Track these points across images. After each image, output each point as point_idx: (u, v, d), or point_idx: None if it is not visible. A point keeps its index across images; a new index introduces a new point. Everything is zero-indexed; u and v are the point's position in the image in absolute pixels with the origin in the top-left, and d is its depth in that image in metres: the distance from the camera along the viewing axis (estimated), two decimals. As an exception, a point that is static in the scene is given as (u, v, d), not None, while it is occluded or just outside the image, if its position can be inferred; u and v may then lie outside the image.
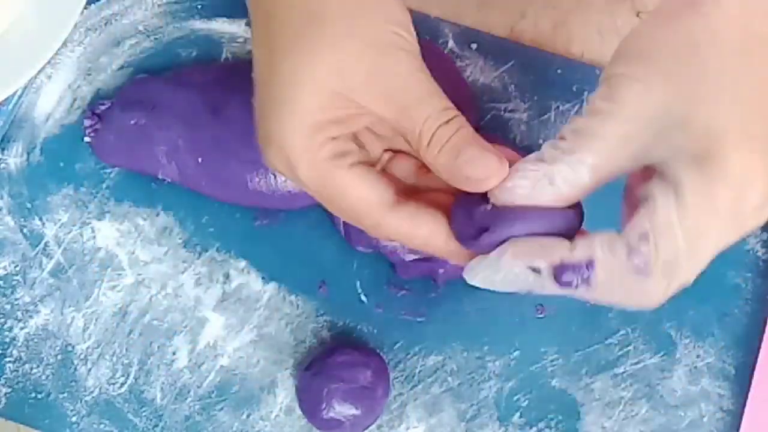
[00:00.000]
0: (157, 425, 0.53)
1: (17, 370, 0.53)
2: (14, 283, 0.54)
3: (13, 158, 0.55)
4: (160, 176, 0.54)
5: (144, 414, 0.53)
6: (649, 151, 0.36)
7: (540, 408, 0.53)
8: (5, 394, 0.53)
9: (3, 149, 0.56)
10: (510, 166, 0.38)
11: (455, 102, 0.50)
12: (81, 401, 0.53)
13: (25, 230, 0.55)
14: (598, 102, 0.37)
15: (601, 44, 0.57)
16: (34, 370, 0.53)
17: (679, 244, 0.36)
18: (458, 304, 0.54)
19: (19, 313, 0.54)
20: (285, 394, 0.53)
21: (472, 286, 0.53)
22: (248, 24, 0.57)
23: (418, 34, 0.44)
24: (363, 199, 0.40)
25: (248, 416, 0.53)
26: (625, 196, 0.40)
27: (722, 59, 0.36)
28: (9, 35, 0.54)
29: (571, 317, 0.54)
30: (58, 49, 0.55)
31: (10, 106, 0.55)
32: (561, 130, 0.38)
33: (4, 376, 0.53)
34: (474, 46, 0.56)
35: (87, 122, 0.55)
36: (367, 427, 0.51)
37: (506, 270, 0.38)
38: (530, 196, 0.37)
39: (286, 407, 0.53)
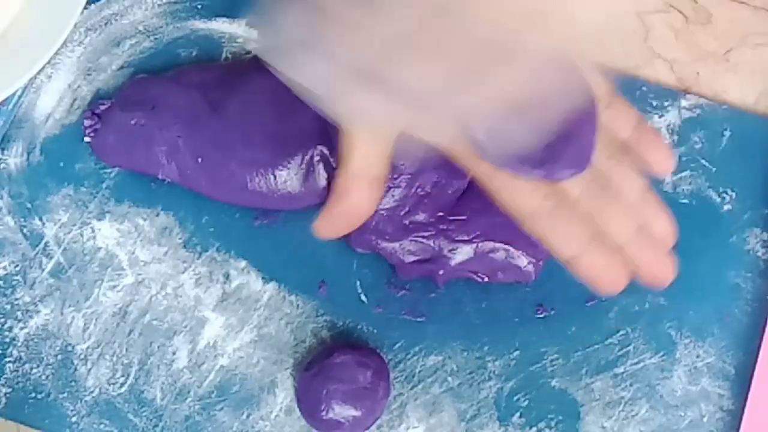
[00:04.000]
0: (157, 425, 0.53)
1: (17, 370, 0.53)
2: (14, 283, 0.54)
3: (13, 158, 0.55)
4: (160, 176, 0.54)
5: (144, 414, 0.53)
6: None
7: (540, 408, 0.53)
8: (5, 394, 0.53)
9: (3, 149, 0.56)
10: None
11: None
12: (81, 401, 0.53)
13: (25, 230, 0.55)
14: None
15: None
16: (34, 370, 0.53)
17: None
18: (458, 304, 0.54)
19: (19, 313, 0.54)
20: (285, 394, 0.53)
21: (473, 286, 0.53)
22: (248, 24, 0.57)
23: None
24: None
25: (248, 416, 0.53)
26: None
27: None
28: (9, 35, 0.54)
29: (571, 317, 0.54)
30: (58, 49, 0.55)
31: (10, 106, 0.55)
32: None
33: (4, 376, 0.53)
34: (474, 46, 0.56)
35: (87, 122, 0.55)
36: (368, 428, 0.51)
37: None
38: None
39: (286, 407, 0.53)
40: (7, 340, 0.54)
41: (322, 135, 0.53)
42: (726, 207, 0.55)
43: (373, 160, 0.46)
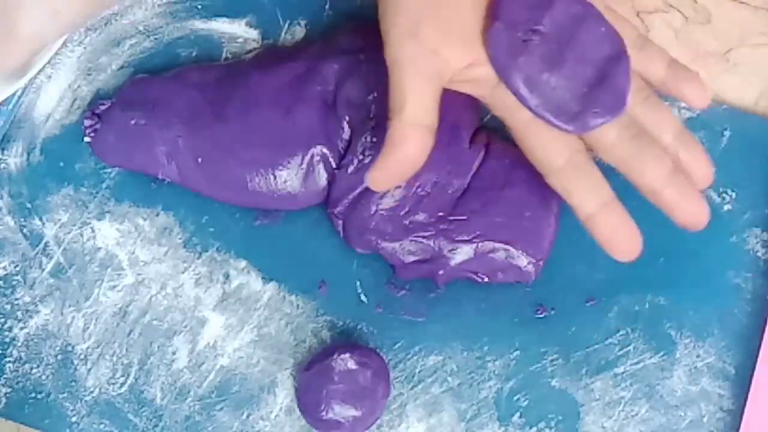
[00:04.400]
0: (157, 425, 0.53)
1: (17, 370, 0.53)
2: (14, 283, 0.54)
3: (13, 158, 0.55)
4: (160, 176, 0.54)
5: (144, 414, 0.53)
6: None
7: (540, 408, 0.53)
8: (5, 394, 0.53)
9: (3, 149, 0.56)
10: None
11: (457, 100, 0.51)
12: (81, 401, 0.53)
13: (25, 230, 0.55)
14: None
15: (601, 44, 0.57)
16: (34, 370, 0.53)
17: None
18: (458, 304, 0.54)
19: (19, 313, 0.54)
20: (285, 394, 0.53)
21: (473, 286, 0.53)
22: (248, 24, 0.57)
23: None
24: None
25: (248, 416, 0.53)
26: None
27: None
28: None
29: (571, 317, 0.54)
30: (58, 49, 0.55)
31: (10, 106, 0.55)
32: None
33: (4, 376, 0.53)
34: (474, 46, 0.56)
35: (87, 122, 0.55)
36: (368, 428, 0.51)
37: None
38: None
39: (286, 407, 0.53)
40: (7, 340, 0.54)
41: (322, 135, 0.53)
42: (726, 207, 0.55)
43: (426, 108, 0.47)
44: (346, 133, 0.53)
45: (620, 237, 0.48)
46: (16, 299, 0.54)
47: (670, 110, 0.50)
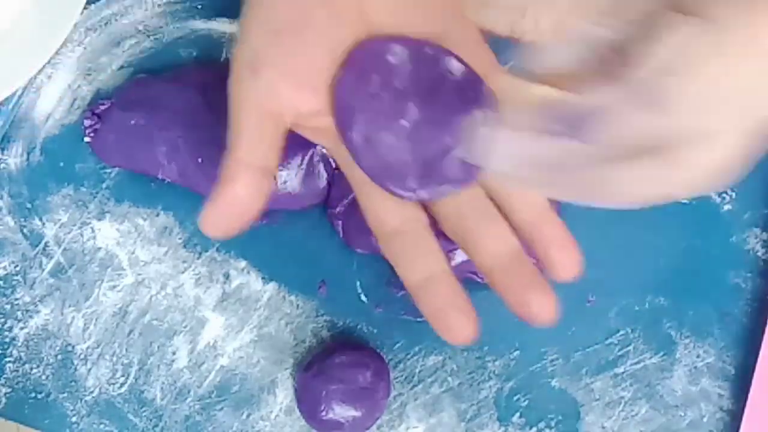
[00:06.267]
0: (157, 425, 0.53)
1: (17, 370, 0.53)
2: (14, 283, 0.54)
3: (13, 158, 0.55)
4: (160, 176, 0.54)
5: (144, 414, 0.53)
6: None
7: (540, 408, 0.53)
8: (5, 394, 0.53)
9: (3, 149, 0.56)
10: None
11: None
12: (81, 401, 0.53)
13: (25, 230, 0.55)
14: None
15: (601, 44, 0.57)
16: (34, 370, 0.53)
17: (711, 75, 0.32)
18: (458, 304, 0.54)
19: (19, 313, 0.54)
20: (285, 394, 0.53)
21: (472, 286, 0.53)
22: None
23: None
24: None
25: (248, 416, 0.53)
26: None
27: None
28: (9, 35, 0.54)
29: (571, 317, 0.54)
30: (58, 49, 0.55)
31: (10, 106, 0.55)
32: None
33: (4, 376, 0.53)
34: (474, 46, 0.56)
35: (87, 122, 0.55)
36: (367, 428, 0.51)
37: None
38: None
39: (286, 407, 0.53)
40: (7, 340, 0.54)
41: (322, 135, 0.53)
42: (726, 207, 0.55)
43: (261, 148, 0.42)
44: (346, 133, 0.53)
45: (446, 313, 0.42)
46: (16, 299, 0.54)
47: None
